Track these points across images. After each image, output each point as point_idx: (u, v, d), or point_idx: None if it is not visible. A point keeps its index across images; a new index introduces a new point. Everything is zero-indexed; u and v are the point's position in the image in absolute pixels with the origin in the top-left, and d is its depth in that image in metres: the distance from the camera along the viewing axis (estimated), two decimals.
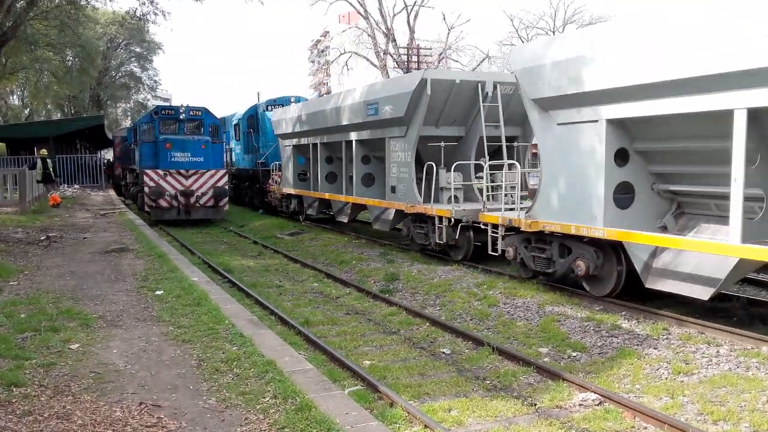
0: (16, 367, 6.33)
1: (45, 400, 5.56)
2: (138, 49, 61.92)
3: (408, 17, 44.29)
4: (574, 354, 8.22)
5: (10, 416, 5.16)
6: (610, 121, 9.55)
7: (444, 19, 52.32)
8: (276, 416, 5.23)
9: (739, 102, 7.58)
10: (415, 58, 45.40)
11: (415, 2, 43.82)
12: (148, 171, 22.56)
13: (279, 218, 24.52)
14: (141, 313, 8.73)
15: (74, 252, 14.22)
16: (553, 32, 51.54)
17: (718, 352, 7.82)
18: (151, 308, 9.01)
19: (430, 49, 49.30)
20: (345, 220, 19.17)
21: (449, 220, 13.36)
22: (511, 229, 11.84)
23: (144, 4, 21.72)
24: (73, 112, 57.33)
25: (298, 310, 10.83)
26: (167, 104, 34.54)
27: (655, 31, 8.57)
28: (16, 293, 9.90)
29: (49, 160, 27.95)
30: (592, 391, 6.75)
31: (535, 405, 6.62)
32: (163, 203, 22.54)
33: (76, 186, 37.01)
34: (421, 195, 14.47)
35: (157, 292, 9.96)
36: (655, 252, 9.52)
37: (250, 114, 28.61)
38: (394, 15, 44.09)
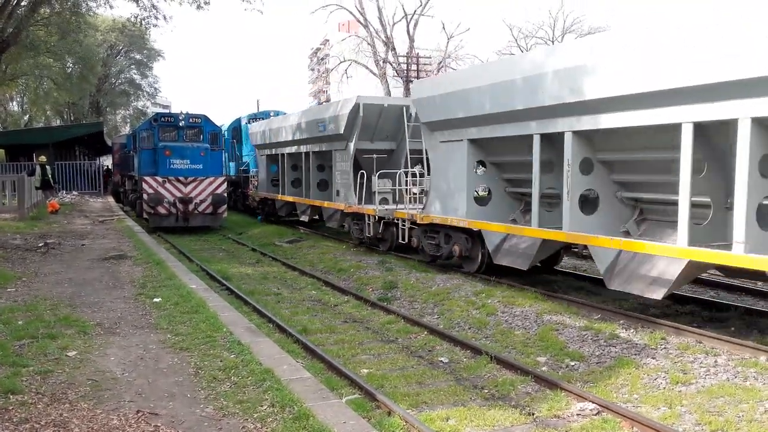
0: (13, 374, 6.31)
1: (42, 407, 5.54)
2: (138, 56, 62.00)
3: (408, 26, 44.45)
4: (572, 363, 8.21)
5: (7, 424, 5.15)
6: (470, 141, 12.78)
7: (443, 28, 52.47)
8: (274, 425, 5.22)
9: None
10: (414, 67, 45.53)
11: (414, 11, 43.99)
12: (147, 178, 22.57)
13: (277, 226, 24.58)
14: (139, 321, 8.72)
15: (72, 259, 14.21)
16: (553, 42, 51.71)
17: (716, 361, 7.82)
18: (149, 316, 9.00)
19: (430, 57, 49.50)
20: (306, 219, 22.17)
21: (375, 217, 16.46)
22: (415, 224, 14.81)
23: (145, 9, 21.77)
24: (72, 118, 57.35)
25: (296, 318, 10.82)
26: (167, 111, 34.65)
27: (499, 80, 11.51)
28: (13, 300, 9.88)
29: (48, 167, 27.99)
30: (590, 401, 6.75)
31: (533, 414, 6.62)
32: (162, 210, 22.54)
33: (74, 192, 37.00)
34: (356, 197, 17.35)
35: (155, 300, 9.94)
36: (505, 238, 12.45)
37: (234, 126, 32.20)
38: (394, 24, 44.25)
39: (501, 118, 11.65)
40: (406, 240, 15.36)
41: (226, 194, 23.99)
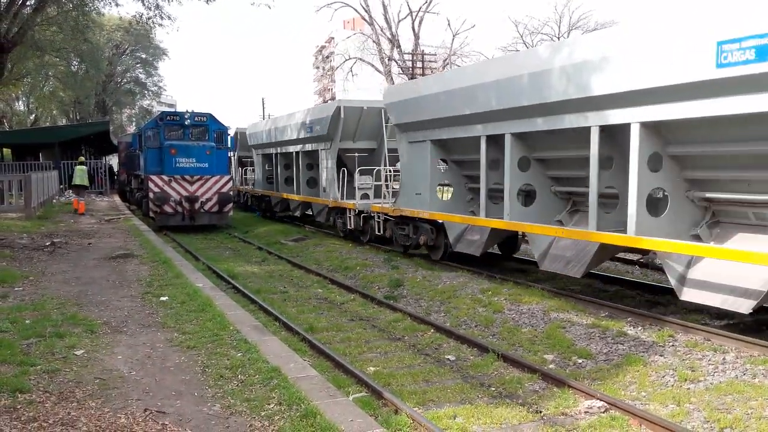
0: (21, 373, 6.33)
1: (50, 406, 5.55)
2: (143, 55, 62.06)
3: (413, 23, 44.35)
4: (580, 361, 8.19)
5: (15, 422, 5.16)
6: (432, 141, 14.31)
7: (449, 25, 52.46)
8: (281, 423, 5.22)
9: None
10: (419, 64, 45.44)
11: (420, 8, 43.91)
12: (153, 177, 22.60)
13: (283, 224, 24.66)
14: (146, 319, 8.74)
15: (79, 258, 14.24)
16: (558, 38, 51.51)
17: (724, 359, 7.78)
18: (156, 314, 9.01)
19: (435, 54, 49.33)
20: (298, 214, 24.28)
21: (355, 211, 18.00)
22: (389, 216, 16.25)
23: (149, 8, 21.75)
24: (78, 117, 57.44)
25: (303, 316, 10.83)
26: (172, 110, 34.69)
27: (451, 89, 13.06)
28: (21, 299, 9.91)
29: (85, 167, 28.28)
30: (597, 399, 6.73)
31: (541, 412, 6.60)
32: (168, 209, 22.57)
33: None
34: (339, 193, 18.99)
35: (162, 298, 9.96)
36: (466, 229, 13.88)
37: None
38: (399, 21, 44.13)
39: (455, 121, 13.20)
40: (383, 231, 16.78)
41: (231, 193, 24.07)
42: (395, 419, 6.11)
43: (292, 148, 23.27)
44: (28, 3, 21.05)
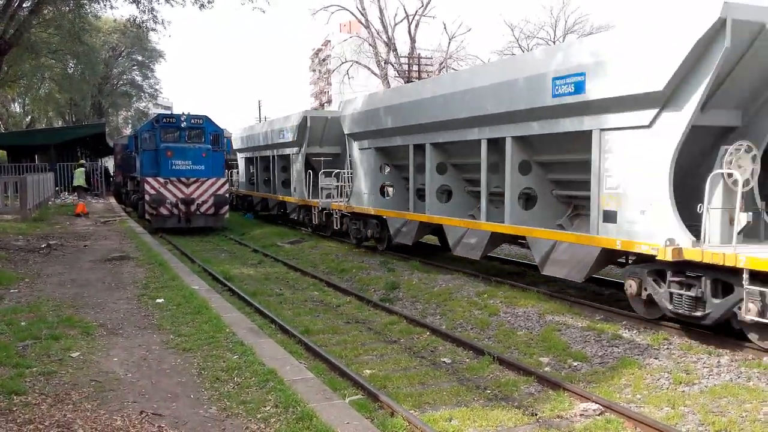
0: (16, 375, 6.32)
1: (45, 408, 5.55)
2: (140, 57, 61.97)
3: (409, 27, 44.40)
4: (575, 364, 8.21)
5: (11, 424, 5.16)
6: (376, 148, 16.76)
7: (445, 28, 52.29)
8: (277, 425, 5.23)
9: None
10: (416, 68, 45.50)
11: (416, 12, 43.93)
12: (149, 179, 22.58)
13: (279, 227, 24.65)
14: (142, 322, 8.73)
15: (75, 260, 14.23)
16: (554, 42, 51.64)
17: (719, 362, 7.81)
18: (152, 316, 9.01)
19: (431, 58, 49.40)
20: (275, 213, 26.47)
21: (318, 208, 20.39)
22: (345, 213, 18.58)
23: (143, 12, 21.73)
24: (74, 120, 57.36)
25: (299, 319, 10.83)
26: (168, 112, 34.65)
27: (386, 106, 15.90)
28: (16, 301, 9.90)
29: (84, 169, 28.37)
30: (593, 401, 6.75)
31: (536, 415, 6.61)
32: (164, 211, 22.54)
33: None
34: (306, 193, 21.36)
35: (158, 301, 9.96)
36: (405, 223, 15.82)
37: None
38: (395, 24, 44.12)
39: (391, 132, 15.76)
40: (341, 226, 19.09)
41: (227, 195, 24.09)
42: (391, 422, 6.12)
43: (269, 153, 25.83)
44: (24, 5, 21.04)
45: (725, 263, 7.70)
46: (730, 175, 8.24)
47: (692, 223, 8.70)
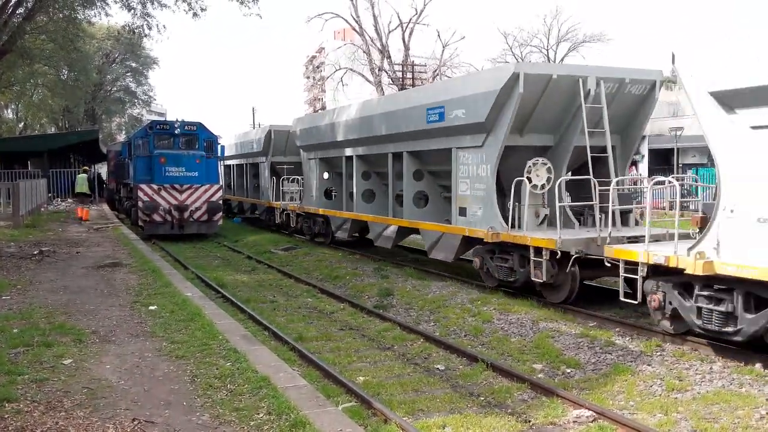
0: (8, 382, 6.29)
1: (38, 415, 5.53)
2: (133, 64, 61.90)
3: (403, 34, 44.48)
4: (569, 370, 8.22)
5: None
6: (319, 159, 20.19)
7: (439, 36, 52.64)
8: None
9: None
10: (410, 75, 45.61)
11: (410, 19, 44.09)
12: (143, 186, 22.52)
13: (273, 233, 24.61)
14: (134, 329, 8.70)
15: (67, 266, 14.17)
16: (547, 50, 51.88)
17: (711, 368, 7.85)
18: (145, 324, 8.98)
19: (425, 65, 49.51)
20: (249, 215, 28.99)
21: (280, 209, 23.29)
22: (299, 213, 21.85)
23: (137, 17, 21.74)
24: (67, 126, 57.18)
25: (292, 326, 10.80)
26: (162, 119, 34.61)
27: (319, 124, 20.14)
28: (8, 308, 9.85)
29: (86, 176, 28.40)
30: (586, 408, 6.76)
31: (530, 422, 6.62)
32: (157, 218, 22.47)
33: (69, 200, 36.91)
34: (272, 196, 24.26)
35: (151, 308, 9.92)
36: (344, 221, 18.66)
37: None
38: (389, 32, 44.24)
39: (331, 145, 19.09)
40: (297, 225, 22.04)
41: (221, 202, 24.05)
42: (385, 429, 6.12)
43: (243, 161, 29.33)
44: (18, 12, 21.02)
45: (522, 243, 11.27)
46: (530, 180, 11.44)
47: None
